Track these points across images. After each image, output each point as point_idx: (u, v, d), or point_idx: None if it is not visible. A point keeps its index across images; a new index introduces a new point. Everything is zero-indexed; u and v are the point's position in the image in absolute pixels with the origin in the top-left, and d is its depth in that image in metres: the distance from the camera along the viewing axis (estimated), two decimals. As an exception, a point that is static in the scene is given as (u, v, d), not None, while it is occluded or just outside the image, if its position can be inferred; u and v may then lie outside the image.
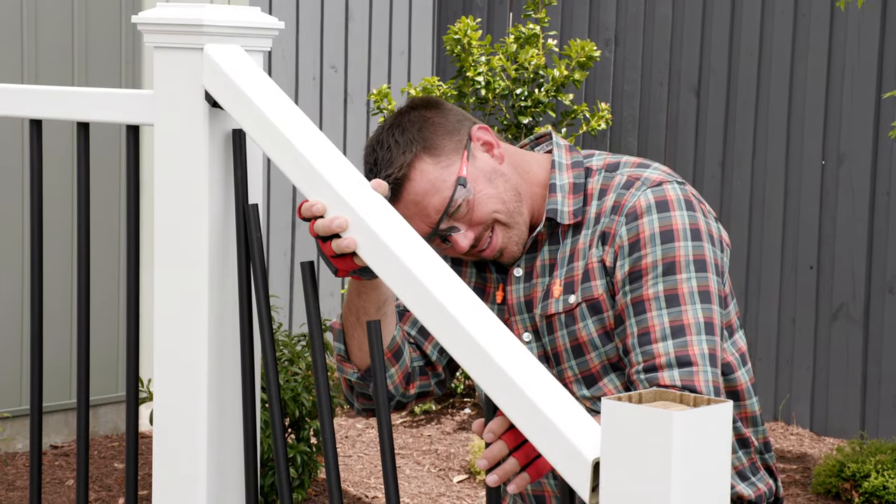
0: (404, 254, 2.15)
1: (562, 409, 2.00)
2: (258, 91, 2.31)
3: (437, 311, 2.08)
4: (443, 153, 2.58)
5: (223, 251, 2.39)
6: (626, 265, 2.52)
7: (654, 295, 2.49)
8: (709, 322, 2.49)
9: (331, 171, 2.26)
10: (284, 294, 7.28)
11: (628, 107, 7.17)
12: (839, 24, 6.57)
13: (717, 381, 2.48)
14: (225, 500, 2.41)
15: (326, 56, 7.43)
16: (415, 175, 2.56)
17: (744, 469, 2.68)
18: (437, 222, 2.56)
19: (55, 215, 6.02)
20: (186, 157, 2.37)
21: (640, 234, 2.53)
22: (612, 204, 2.57)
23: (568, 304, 2.57)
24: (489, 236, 2.59)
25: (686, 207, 2.55)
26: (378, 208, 2.22)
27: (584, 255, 2.57)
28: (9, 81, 5.97)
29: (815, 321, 6.67)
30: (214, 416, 2.38)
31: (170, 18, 2.35)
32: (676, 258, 2.51)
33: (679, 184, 2.59)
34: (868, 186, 6.53)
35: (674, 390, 2.38)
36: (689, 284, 2.50)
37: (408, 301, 2.13)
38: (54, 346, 6.10)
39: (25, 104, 2.61)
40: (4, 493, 5.71)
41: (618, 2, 7.20)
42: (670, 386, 2.44)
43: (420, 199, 2.57)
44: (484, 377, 2.04)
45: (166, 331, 2.41)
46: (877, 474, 5.83)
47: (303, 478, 5.53)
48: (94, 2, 6.26)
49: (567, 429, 1.95)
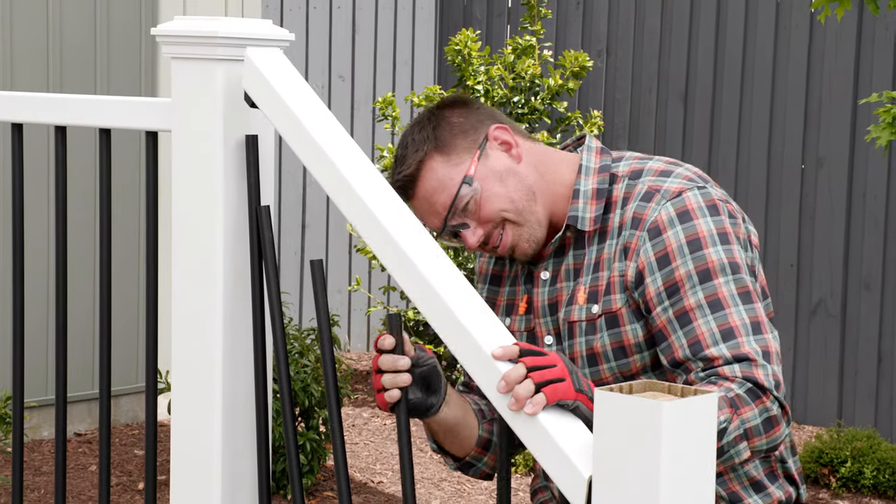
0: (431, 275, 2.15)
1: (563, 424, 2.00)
2: (296, 96, 2.30)
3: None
4: (454, 152, 2.51)
5: (237, 250, 2.39)
6: (658, 280, 2.41)
7: (696, 304, 2.37)
8: (755, 322, 2.37)
9: (355, 175, 2.26)
10: (295, 290, 7.28)
11: (619, 114, 7.16)
12: (818, 34, 6.56)
13: (776, 376, 2.34)
14: (239, 485, 2.41)
15: (334, 66, 7.42)
16: (425, 173, 2.51)
17: (761, 479, 2.54)
18: (445, 218, 2.51)
19: (79, 217, 6.01)
20: (202, 160, 2.37)
21: (667, 247, 2.41)
22: (631, 216, 2.45)
23: (591, 313, 2.47)
24: (500, 234, 2.50)
25: (709, 213, 2.43)
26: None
27: (609, 265, 2.46)
28: (36, 90, 5.97)
29: (795, 316, 6.67)
30: (228, 406, 2.38)
31: (187, 31, 2.35)
32: (710, 264, 2.39)
33: (700, 188, 2.46)
34: (845, 189, 6.52)
35: (734, 382, 2.30)
36: (727, 288, 2.38)
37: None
38: (78, 339, 6.10)
39: (52, 112, 2.61)
40: (31, 478, 5.71)
41: (609, 15, 7.19)
42: (731, 378, 2.32)
43: (429, 196, 2.51)
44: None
45: (184, 325, 2.40)
46: (853, 461, 5.83)
47: (312, 464, 5.52)
48: (115, 15, 6.25)
49: (559, 434, 1.95)
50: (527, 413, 2.01)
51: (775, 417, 2.33)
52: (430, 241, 2.20)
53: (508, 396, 2.03)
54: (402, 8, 7.67)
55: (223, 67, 2.34)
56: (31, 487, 5.60)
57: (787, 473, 2.57)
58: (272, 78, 2.30)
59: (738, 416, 2.28)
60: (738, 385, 2.31)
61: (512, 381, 2.03)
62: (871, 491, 5.81)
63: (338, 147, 2.29)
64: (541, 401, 2.02)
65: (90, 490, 5.61)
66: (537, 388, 2.03)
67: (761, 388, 2.32)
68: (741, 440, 2.29)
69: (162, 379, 5.42)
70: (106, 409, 2.54)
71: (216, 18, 2.34)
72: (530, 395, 2.02)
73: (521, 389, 2.02)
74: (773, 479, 2.55)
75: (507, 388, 2.03)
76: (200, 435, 2.38)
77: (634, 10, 7.11)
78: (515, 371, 2.04)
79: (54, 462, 2.61)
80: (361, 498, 5.66)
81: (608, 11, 7.19)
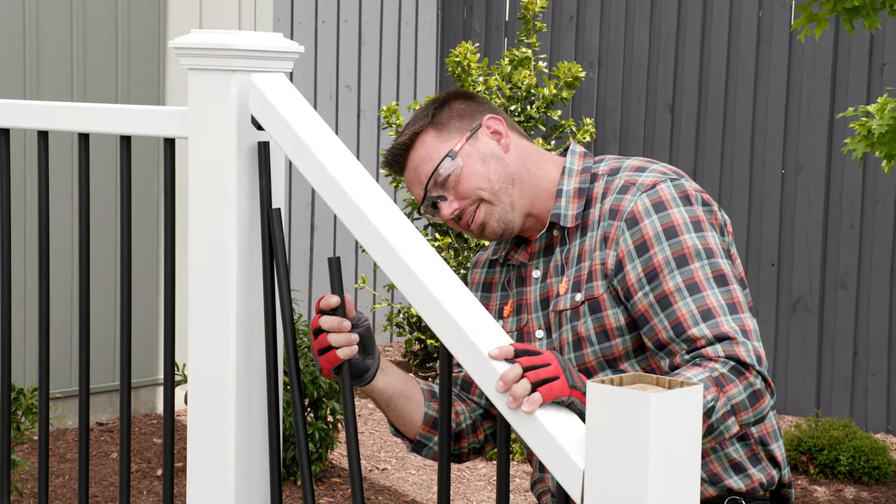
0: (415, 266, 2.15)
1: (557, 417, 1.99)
2: (299, 121, 2.31)
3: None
4: (447, 131, 2.54)
5: (250, 250, 2.38)
6: (637, 266, 2.41)
7: (675, 287, 2.38)
8: (731, 303, 2.38)
9: (351, 183, 2.26)
10: (304, 288, 7.28)
11: (610, 122, 7.16)
12: (797, 48, 6.56)
13: (757, 351, 2.34)
14: (251, 471, 2.41)
15: (342, 76, 7.42)
16: (417, 145, 2.55)
17: (742, 461, 2.52)
18: (426, 188, 2.53)
19: (102, 219, 6.02)
20: (217, 165, 2.36)
21: (644, 235, 2.42)
22: (609, 207, 2.47)
23: (574, 301, 2.48)
24: (474, 211, 2.52)
25: (682, 203, 2.44)
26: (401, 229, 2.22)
27: (590, 256, 2.47)
28: (60, 99, 5.98)
29: (776, 312, 6.66)
30: (242, 397, 2.38)
31: (203, 43, 2.35)
32: (686, 249, 2.40)
33: (673, 180, 2.47)
34: (822, 193, 6.52)
35: (717, 362, 2.30)
36: (703, 272, 2.38)
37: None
38: (100, 335, 6.11)
39: (75, 120, 2.61)
40: (56, 465, 5.71)
41: (601, 29, 7.19)
42: (714, 358, 2.32)
43: (416, 166, 2.55)
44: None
45: (199, 321, 2.40)
46: (830, 448, 5.83)
47: (320, 451, 5.52)
48: (135, 27, 6.26)
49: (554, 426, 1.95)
50: (524, 412, 2.02)
51: (759, 391, 2.33)
52: (429, 250, 2.20)
53: (507, 395, 2.04)
54: (406, 22, 7.67)
55: (237, 78, 2.34)
56: (57, 473, 5.60)
57: (770, 456, 2.56)
58: (277, 103, 2.31)
59: (724, 393, 2.28)
60: (722, 364, 2.31)
61: (509, 381, 2.04)
62: (846, 477, 5.81)
63: (339, 167, 2.29)
64: (537, 399, 2.03)
65: (111, 476, 5.61)
66: (533, 387, 2.05)
67: (744, 364, 2.32)
68: (729, 416, 2.29)
69: (179, 371, 5.42)
70: (126, 399, 2.54)
71: (230, 32, 2.34)
72: (527, 394, 2.04)
73: (519, 388, 2.04)
74: (755, 462, 2.54)
75: (504, 388, 2.04)
76: (215, 424, 2.38)
77: (624, 24, 7.11)
78: (512, 371, 2.05)
79: (78, 450, 2.62)
80: (367, 484, 5.65)
81: (599, 26, 7.19)
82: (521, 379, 2.05)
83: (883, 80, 6.34)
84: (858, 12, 4.15)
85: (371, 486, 5.64)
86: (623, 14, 7.10)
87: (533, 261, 2.57)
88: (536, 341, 2.55)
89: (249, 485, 2.40)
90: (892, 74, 6.31)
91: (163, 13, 6.34)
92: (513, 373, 2.05)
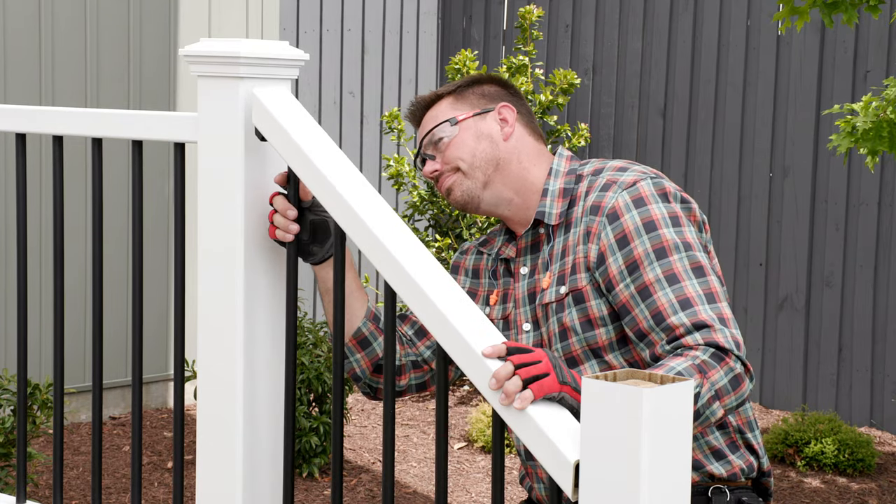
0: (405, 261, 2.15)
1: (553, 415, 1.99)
2: (301, 133, 2.32)
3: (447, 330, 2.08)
4: (463, 102, 2.62)
5: (257, 250, 2.39)
6: (619, 259, 2.44)
7: (654, 279, 2.40)
8: (708, 293, 2.40)
9: (345, 186, 2.26)
10: (309, 287, 7.28)
11: (604, 127, 7.16)
12: (784, 54, 6.56)
13: (735, 337, 2.36)
14: (258, 464, 2.41)
15: (345, 83, 7.42)
16: (435, 105, 2.64)
17: (721, 448, 2.54)
18: (422, 142, 2.61)
19: (115, 221, 6.02)
20: (225, 168, 2.37)
21: (624, 230, 2.44)
22: (591, 204, 2.50)
23: (559, 293, 2.50)
24: (448, 176, 2.59)
25: (661, 199, 2.47)
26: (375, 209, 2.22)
27: (573, 250, 2.50)
28: (74, 106, 5.97)
29: (764, 310, 6.67)
30: (248, 393, 2.38)
31: (212, 52, 2.35)
32: (664, 243, 2.42)
33: (653, 178, 2.50)
34: (809, 195, 6.52)
35: (698, 350, 2.32)
36: (681, 263, 2.41)
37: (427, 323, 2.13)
38: (113, 332, 6.11)
39: (89, 125, 2.61)
40: (70, 457, 5.71)
41: (595, 37, 7.19)
42: (694, 346, 2.34)
43: (426, 123, 2.63)
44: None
45: (209, 318, 2.41)
46: (816, 441, 5.83)
47: (325, 445, 5.53)
48: (147, 35, 6.26)
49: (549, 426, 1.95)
50: (516, 408, 2.04)
51: (740, 375, 2.35)
52: (426, 253, 2.21)
53: (499, 392, 2.05)
54: (407, 31, 7.67)
55: (245, 85, 2.34)
56: (71, 465, 5.60)
57: (748, 444, 2.58)
58: (279, 116, 2.32)
59: (707, 379, 2.30)
60: (703, 351, 2.33)
61: (501, 379, 2.06)
62: (832, 469, 5.81)
63: (339, 177, 2.29)
64: (528, 396, 2.05)
65: (124, 468, 5.61)
66: (525, 384, 2.06)
67: (723, 349, 2.34)
68: (713, 401, 2.31)
69: (189, 368, 5.42)
70: (138, 394, 2.54)
71: (238, 40, 2.34)
72: (519, 391, 2.05)
73: (510, 386, 2.05)
74: (734, 449, 2.55)
75: (497, 385, 2.06)
76: (223, 419, 2.39)
77: (618, 32, 7.11)
78: (504, 369, 2.07)
79: (91, 443, 2.62)
80: (370, 476, 5.66)
81: (594, 34, 7.19)
82: (513, 376, 2.07)
83: (867, 86, 6.35)
84: (838, 6, 4.17)
85: (374, 478, 5.64)
86: (617, 23, 7.10)
87: (520, 257, 2.61)
88: (524, 334, 2.57)
89: (256, 476, 2.40)
90: (875, 81, 6.32)
91: (173, 22, 6.34)
92: (504, 370, 2.07)
